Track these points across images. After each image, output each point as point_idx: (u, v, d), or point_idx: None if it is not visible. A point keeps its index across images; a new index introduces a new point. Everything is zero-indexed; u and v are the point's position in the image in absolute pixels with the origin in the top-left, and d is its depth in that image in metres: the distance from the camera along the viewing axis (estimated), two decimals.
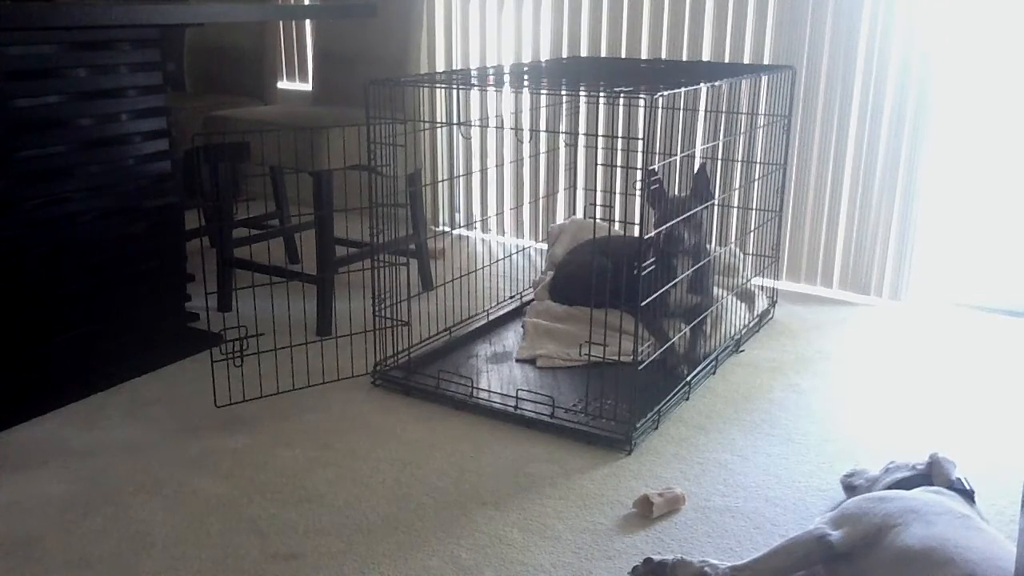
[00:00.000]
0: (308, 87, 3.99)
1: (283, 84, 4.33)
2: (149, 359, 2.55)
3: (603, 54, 3.44)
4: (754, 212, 3.14)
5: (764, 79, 2.86)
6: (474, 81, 2.43)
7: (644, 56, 3.35)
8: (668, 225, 2.39)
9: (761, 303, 2.94)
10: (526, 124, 3.54)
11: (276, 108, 3.27)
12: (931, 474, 1.71)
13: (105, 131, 2.42)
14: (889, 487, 1.73)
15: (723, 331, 2.66)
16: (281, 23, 4.18)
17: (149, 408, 2.32)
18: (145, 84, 2.50)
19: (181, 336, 2.69)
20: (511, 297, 3.04)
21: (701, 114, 3.19)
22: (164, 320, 2.65)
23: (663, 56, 3.32)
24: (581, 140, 3.53)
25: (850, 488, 1.88)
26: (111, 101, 2.42)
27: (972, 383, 2.52)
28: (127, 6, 2.23)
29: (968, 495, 1.64)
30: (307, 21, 4.19)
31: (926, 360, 2.67)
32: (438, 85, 2.48)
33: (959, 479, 1.68)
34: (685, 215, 2.43)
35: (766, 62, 3.15)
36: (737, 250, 3.09)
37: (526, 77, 2.47)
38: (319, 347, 2.58)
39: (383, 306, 2.43)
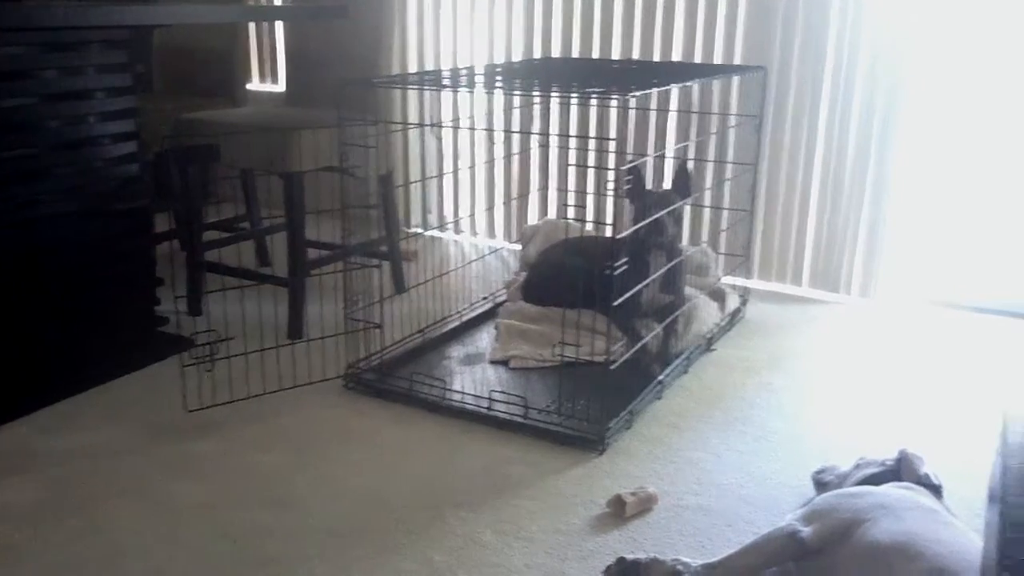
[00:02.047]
0: (280, 88, 3.97)
1: (255, 85, 4.30)
2: (119, 364, 2.52)
3: (575, 54, 3.44)
4: (725, 211, 3.16)
5: (735, 79, 2.88)
6: (447, 82, 2.42)
7: (616, 56, 3.36)
8: (649, 220, 2.41)
9: (733, 302, 2.95)
10: (499, 125, 3.54)
11: (247, 110, 3.25)
12: (900, 470, 1.73)
13: (74, 133, 2.39)
14: (859, 483, 1.75)
15: (695, 330, 2.68)
16: (252, 24, 4.16)
17: (121, 413, 2.29)
18: (114, 86, 2.47)
19: (151, 341, 2.66)
20: (484, 298, 3.04)
21: (673, 115, 3.21)
22: (134, 324, 2.63)
23: (635, 56, 3.33)
24: (553, 141, 3.53)
25: (821, 484, 1.89)
26: (80, 103, 2.39)
27: (941, 379, 2.55)
28: (95, 7, 2.21)
29: (936, 490, 1.66)
30: (279, 22, 4.16)
31: (896, 357, 2.70)
32: (411, 87, 2.48)
33: (927, 474, 1.70)
34: (670, 208, 2.47)
35: (737, 62, 3.17)
36: (709, 249, 3.11)
37: (499, 78, 2.47)
38: (291, 350, 2.56)
39: (355, 308, 2.42)
